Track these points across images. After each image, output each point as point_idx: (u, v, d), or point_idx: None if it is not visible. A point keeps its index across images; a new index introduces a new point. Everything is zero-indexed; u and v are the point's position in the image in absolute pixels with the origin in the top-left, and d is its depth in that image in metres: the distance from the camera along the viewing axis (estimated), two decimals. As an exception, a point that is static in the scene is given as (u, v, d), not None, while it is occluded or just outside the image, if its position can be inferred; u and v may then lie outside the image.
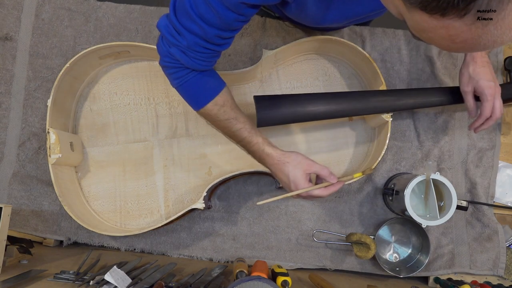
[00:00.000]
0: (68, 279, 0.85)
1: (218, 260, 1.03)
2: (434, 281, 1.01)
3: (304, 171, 0.80)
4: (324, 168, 0.80)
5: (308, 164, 0.80)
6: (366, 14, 0.79)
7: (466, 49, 0.44)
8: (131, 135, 1.04)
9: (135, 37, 1.08)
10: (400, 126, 1.06)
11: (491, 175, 1.04)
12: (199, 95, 0.79)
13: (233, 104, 0.82)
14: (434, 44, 0.46)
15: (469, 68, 0.88)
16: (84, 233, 1.04)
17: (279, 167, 0.81)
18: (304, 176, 0.79)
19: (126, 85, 1.05)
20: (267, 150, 0.82)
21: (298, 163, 0.80)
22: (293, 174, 0.79)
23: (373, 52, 1.07)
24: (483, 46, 0.42)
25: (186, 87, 0.78)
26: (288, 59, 1.04)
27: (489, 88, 0.86)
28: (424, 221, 0.89)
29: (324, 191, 0.80)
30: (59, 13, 1.09)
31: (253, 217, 1.04)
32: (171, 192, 1.02)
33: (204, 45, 0.70)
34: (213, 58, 0.75)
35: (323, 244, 1.03)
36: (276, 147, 0.83)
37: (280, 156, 0.81)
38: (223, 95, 0.80)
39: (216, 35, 0.68)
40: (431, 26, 0.43)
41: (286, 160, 0.80)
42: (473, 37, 0.41)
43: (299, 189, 0.79)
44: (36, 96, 1.07)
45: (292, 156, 0.81)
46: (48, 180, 1.02)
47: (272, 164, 0.82)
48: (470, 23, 0.40)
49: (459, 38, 0.42)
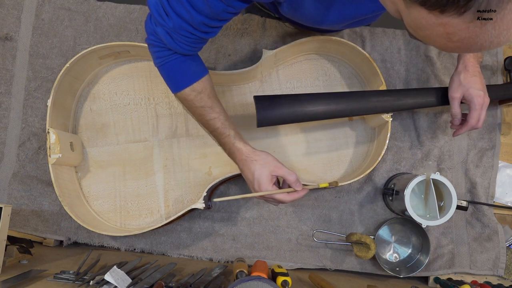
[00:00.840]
0: (68, 279, 0.85)
1: (218, 260, 1.03)
2: (434, 281, 1.01)
3: (270, 172, 0.78)
4: (291, 174, 0.79)
5: (276, 166, 0.79)
6: (365, 16, 0.79)
7: (462, 49, 0.44)
8: (131, 135, 1.04)
9: (135, 37, 1.08)
10: (400, 126, 1.06)
11: (491, 175, 1.04)
12: (179, 79, 0.79)
13: (211, 93, 0.81)
14: (430, 43, 0.46)
15: (460, 76, 0.88)
16: (84, 233, 1.04)
17: (246, 164, 0.80)
18: (269, 177, 0.78)
19: (126, 85, 1.05)
20: (237, 145, 0.81)
21: (266, 163, 0.79)
22: (259, 173, 0.78)
23: (373, 52, 1.07)
24: (479, 47, 0.42)
25: (166, 68, 0.78)
26: (288, 59, 1.04)
27: (478, 97, 0.86)
28: (424, 221, 0.89)
29: (287, 197, 0.79)
30: (59, 13, 1.09)
31: (253, 217, 1.04)
32: (171, 192, 1.02)
33: (190, 30, 0.70)
34: (198, 44, 0.75)
35: (323, 244, 1.03)
36: (247, 144, 0.82)
37: (249, 153, 0.80)
38: (202, 82, 0.80)
39: (203, 22, 0.68)
40: (429, 23, 0.42)
41: (255, 158, 0.79)
42: (471, 36, 0.41)
43: (262, 189, 0.78)
44: (36, 96, 1.07)
45: (261, 155, 0.80)
46: (48, 180, 1.02)
47: (240, 160, 0.81)
48: (468, 21, 0.40)
49: (456, 37, 0.42)
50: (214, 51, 1.08)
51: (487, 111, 1.06)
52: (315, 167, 1.03)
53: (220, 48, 1.08)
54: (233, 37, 1.08)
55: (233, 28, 1.08)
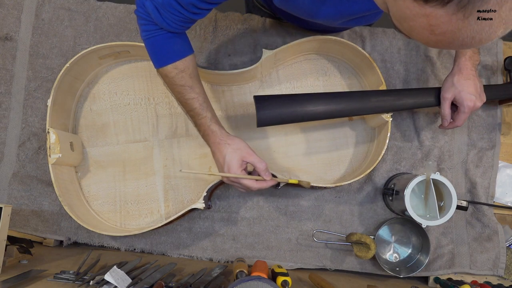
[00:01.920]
0: (68, 279, 0.85)
1: (218, 260, 1.03)
2: (434, 281, 1.01)
3: (241, 157, 0.80)
4: (262, 162, 0.81)
5: (248, 153, 0.81)
6: (362, 13, 0.78)
7: (444, 43, 0.44)
8: (131, 135, 1.04)
9: (135, 37, 1.08)
10: (400, 126, 1.06)
11: (491, 175, 1.04)
12: (162, 55, 0.79)
13: (193, 73, 0.82)
14: (414, 36, 0.46)
15: (454, 78, 0.88)
16: (84, 233, 1.04)
17: (219, 147, 0.81)
18: (239, 162, 0.80)
19: (126, 85, 1.05)
20: (212, 127, 0.82)
21: (238, 148, 0.81)
22: (230, 157, 0.80)
23: (373, 52, 1.07)
24: (460, 42, 0.43)
25: (151, 42, 0.78)
26: (288, 59, 1.04)
27: (469, 100, 0.87)
28: (424, 221, 0.89)
29: (254, 184, 0.81)
30: (59, 13, 1.09)
31: (253, 217, 1.04)
32: (171, 192, 1.02)
33: (178, 9, 0.70)
34: (186, 24, 0.75)
35: (323, 244, 1.03)
36: (222, 128, 0.83)
37: (223, 137, 0.82)
38: (185, 61, 0.80)
39: (191, 3, 0.68)
40: (413, 13, 0.43)
41: (228, 142, 0.81)
42: (453, 29, 0.41)
43: (231, 172, 0.80)
44: (36, 96, 1.07)
45: (235, 140, 0.82)
46: (48, 180, 1.02)
47: (213, 142, 0.82)
48: (451, 12, 0.40)
49: (439, 29, 0.42)
50: (214, 51, 1.08)
51: (487, 111, 1.07)
52: (315, 167, 1.03)
53: (220, 48, 1.08)
54: (233, 37, 1.08)
55: (233, 28, 1.08)
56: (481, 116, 1.06)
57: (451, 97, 0.89)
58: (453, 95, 0.89)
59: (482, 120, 1.06)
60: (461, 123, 0.91)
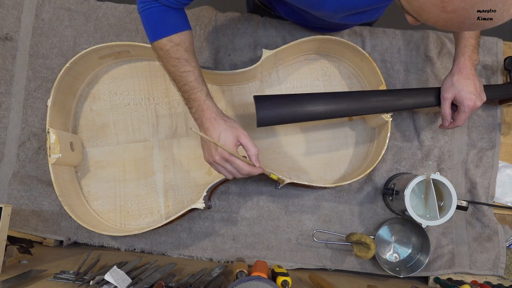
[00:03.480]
0: (68, 279, 0.85)
1: (218, 260, 1.03)
2: (434, 281, 1.01)
3: (236, 137, 0.78)
4: (255, 147, 0.79)
5: (243, 133, 0.79)
6: (364, 8, 0.78)
7: (454, 23, 0.41)
8: (131, 135, 1.04)
9: (135, 37, 1.08)
10: (400, 126, 1.06)
11: (491, 175, 1.04)
12: (158, 28, 0.77)
13: (189, 47, 0.80)
14: (422, 16, 0.44)
15: (453, 77, 0.88)
16: (84, 233, 1.04)
17: (214, 123, 0.78)
18: (235, 141, 0.78)
19: (126, 85, 1.05)
20: (208, 102, 0.79)
21: (233, 126, 0.78)
22: (225, 134, 0.77)
23: (373, 52, 1.07)
24: (472, 21, 0.40)
25: (147, 14, 0.77)
26: (288, 59, 1.04)
27: (469, 100, 0.87)
28: (424, 221, 0.89)
29: (246, 167, 0.79)
30: (59, 13, 1.09)
31: (253, 217, 1.04)
32: (171, 192, 1.02)
33: None
34: None
35: (323, 244, 1.03)
36: (216, 106, 0.81)
37: (219, 113, 0.79)
38: (181, 35, 0.78)
39: None
40: None
41: (224, 118, 0.79)
42: (465, 6, 0.39)
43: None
44: (36, 96, 1.07)
45: (230, 119, 0.80)
46: (48, 180, 1.02)
47: (208, 118, 0.78)
48: None
49: (451, 6, 0.40)
50: (214, 51, 1.08)
51: (487, 111, 1.07)
52: (315, 167, 1.03)
53: (220, 48, 1.08)
54: (233, 37, 1.08)
55: (233, 28, 1.08)
56: (481, 116, 1.07)
57: (451, 97, 0.89)
58: (453, 95, 0.89)
59: (482, 120, 1.06)
60: (462, 122, 0.91)
